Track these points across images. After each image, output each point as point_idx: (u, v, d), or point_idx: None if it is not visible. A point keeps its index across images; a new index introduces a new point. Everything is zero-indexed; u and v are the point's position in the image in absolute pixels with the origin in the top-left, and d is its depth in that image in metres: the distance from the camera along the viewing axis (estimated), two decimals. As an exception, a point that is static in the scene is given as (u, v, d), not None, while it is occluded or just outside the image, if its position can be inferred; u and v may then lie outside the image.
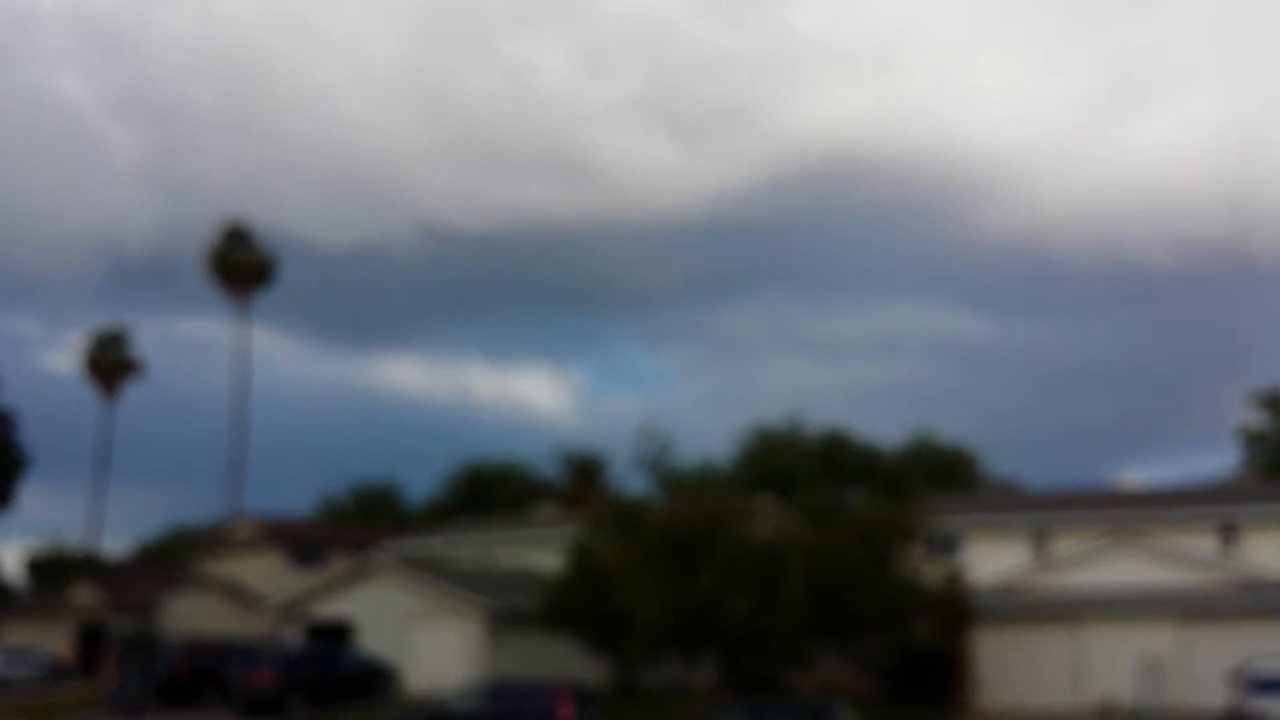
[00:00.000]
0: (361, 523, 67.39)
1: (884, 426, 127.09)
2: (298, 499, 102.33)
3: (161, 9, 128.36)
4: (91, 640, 47.78)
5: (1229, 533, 37.74)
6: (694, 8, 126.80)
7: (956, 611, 30.96)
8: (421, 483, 79.39)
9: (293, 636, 40.48)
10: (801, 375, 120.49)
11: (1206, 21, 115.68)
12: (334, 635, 38.87)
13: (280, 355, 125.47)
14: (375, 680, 35.64)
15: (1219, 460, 79.24)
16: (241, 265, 63.77)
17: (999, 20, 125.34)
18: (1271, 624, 31.55)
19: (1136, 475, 48.78)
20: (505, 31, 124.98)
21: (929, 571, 31.00)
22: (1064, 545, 37.53)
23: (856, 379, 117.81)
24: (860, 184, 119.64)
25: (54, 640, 48.49)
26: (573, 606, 33.14)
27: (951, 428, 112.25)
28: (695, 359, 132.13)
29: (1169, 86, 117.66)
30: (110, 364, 67.98)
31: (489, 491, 71.06)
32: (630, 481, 67.06)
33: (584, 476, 67.17)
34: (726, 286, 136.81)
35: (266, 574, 51.16)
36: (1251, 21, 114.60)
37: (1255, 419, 59.45)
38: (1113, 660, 32.64)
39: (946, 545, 39.45)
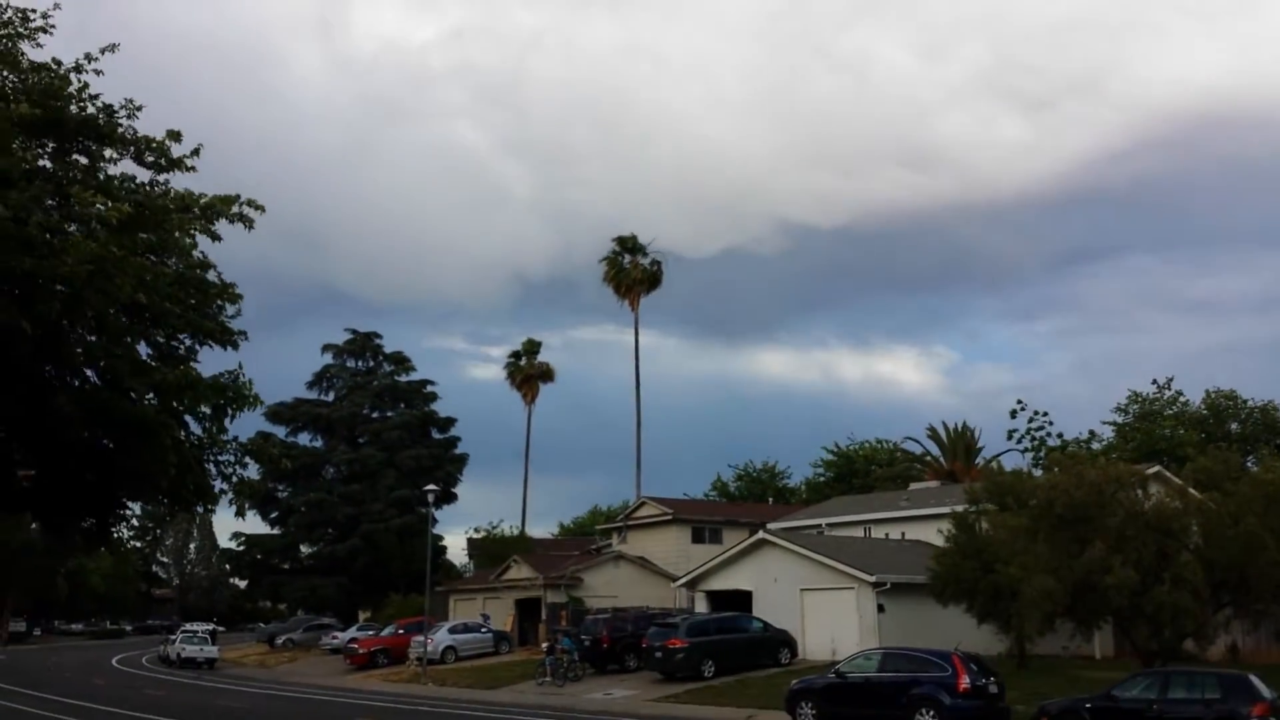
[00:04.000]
0: (749, 502, 69.19)
1: (1275, 385, 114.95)
2: (689, 482, 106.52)
3: (534, 57, 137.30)
4: (528, 611, 52.05)
5: None
6: None
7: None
8: (799, 464, 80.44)
9: (698, 606, 42.37)
10: (1176, 338, 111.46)
11: None
12: (735, 605, 40.30)
13: (664, 354, 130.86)
14: (777, 647, 36.71)
15: None
16: (633, 274, 67.07)
17: None
18: None
19: None
20: (841, 28, 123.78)
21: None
22: None
23: (1239, 338, 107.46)
24: (1221, 136, 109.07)
25: (497, 612, 53.28)
26: (960, 578, 32.71)
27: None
28: (1061, 330, 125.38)
29: None
30: (528, 372, 73.70)
31: (865, 470, 70.87)
32: (1008, 458, 64.98)
33: (958, 451, 65.50)
34: (1088, 255, 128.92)
35: (669, 550, 53.82)
36: None
37: None
38: None
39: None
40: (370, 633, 52.47)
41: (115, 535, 23.47)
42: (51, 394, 15.00)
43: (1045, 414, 65.37)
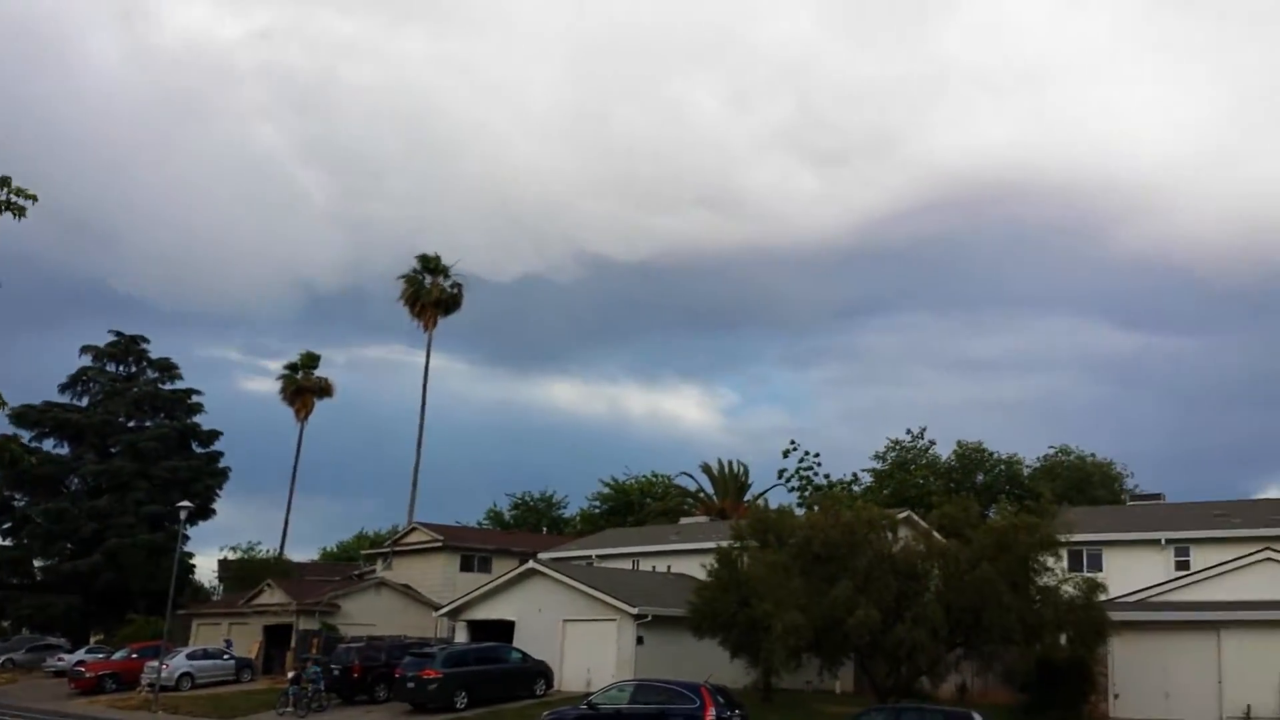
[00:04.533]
0: (523, 532, 68.66)
1: (1025, 443, 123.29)
2: (466, 509, 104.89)
3: (345, 63, 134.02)
4: (278, 639, 49.80)
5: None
6: (837, 37, 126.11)
7: (1094, 623, 29.77)
8: (577, 496, 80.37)
9: (459, 636, 41.50)
10: (942, 393, 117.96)
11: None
12: (497, 635, 39.68)
13: (453, 377, 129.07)
14: (533, 678, 36.26)
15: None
16: (432, 294, 65.62)
17: (1142, 39, 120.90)
18: None
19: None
20: (659, 71, 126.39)
21: (1067, 584, 29.94)
22: (1206, 557, 35.76)
23: (998, 396, 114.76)
24: (1003, 205, 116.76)
25: (243, 639, 50.74)
26: (717, 612, 33.23)
27: (1094, 443, 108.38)
28: (837, 378, 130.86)
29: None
30: (302, 385, 70.80)
31: (640, 503, 71.57)
32: (775, 495, 67.00)
33: (730, 490, 67.02)
34: (870, 308, 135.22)
35: (436, 578, 52.68)
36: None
37: None
38: (1256, 672, 30.93)
39: (1088, 558, 38.16)
40: (101, 655, 48.96)
41: None
42: None
43: (816, 455, 67.94)
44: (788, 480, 68.25)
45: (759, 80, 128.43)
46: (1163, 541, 38.18)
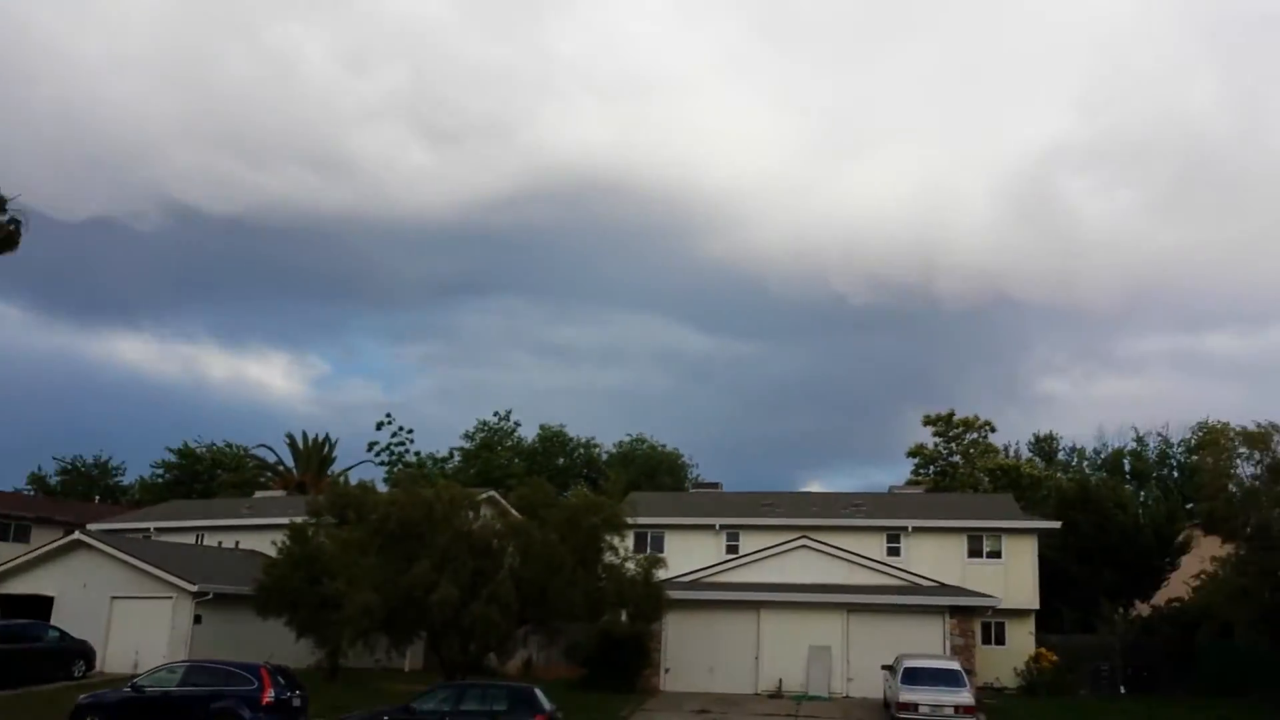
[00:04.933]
0: (73, 501, 62.58)
1: (606, 429, 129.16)
2: (7, 470, 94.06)
3: None
4: None
5: (895, 538, 40.37)
6: (462, 18, 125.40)
7: (652, 600, 31.69)
8: (140, 463, 74.37)
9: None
10: (532, 378, 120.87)
11: (916, 84, 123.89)
12: (34, 612, 35.85)
13: (3, 325, 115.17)
14: (71, 658, 33.08)
15: (893, 475, 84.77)
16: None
17: (740, 61, 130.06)
18: (926, 621, 33.98)
19: (822, 483, 51.49)
20: (271, 18, 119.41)
21: (630, 563, 31.61)
22: (753, 542, 39.15)
23: (583, 383, 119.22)
24: (601, 203, 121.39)
25: None
26: (286, 590, 32.08)
27: (666, 434, 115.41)
28: (434, 355, 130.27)
29: (878, 140, 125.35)
30: None
31: (210, 474, 67.48)
32: (364, 470, 65.65)
33: (312, 463, 64.82)
34: (469, 288, 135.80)
35: (-36, 548, 46.71)
36: (951, 88, 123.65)
37: (926, 439, 64.04)
38: (788, 649, 34.33)
39: (652, 539, 40.50)
40: None
41: None
42: None
43: (410, 431, 67.36)
44: (378, 455, 67.18)
45: (376, 45, 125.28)
46: (717, 527, 41.38)
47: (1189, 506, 49.44)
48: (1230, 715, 31.38)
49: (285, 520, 37.07)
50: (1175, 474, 59.01)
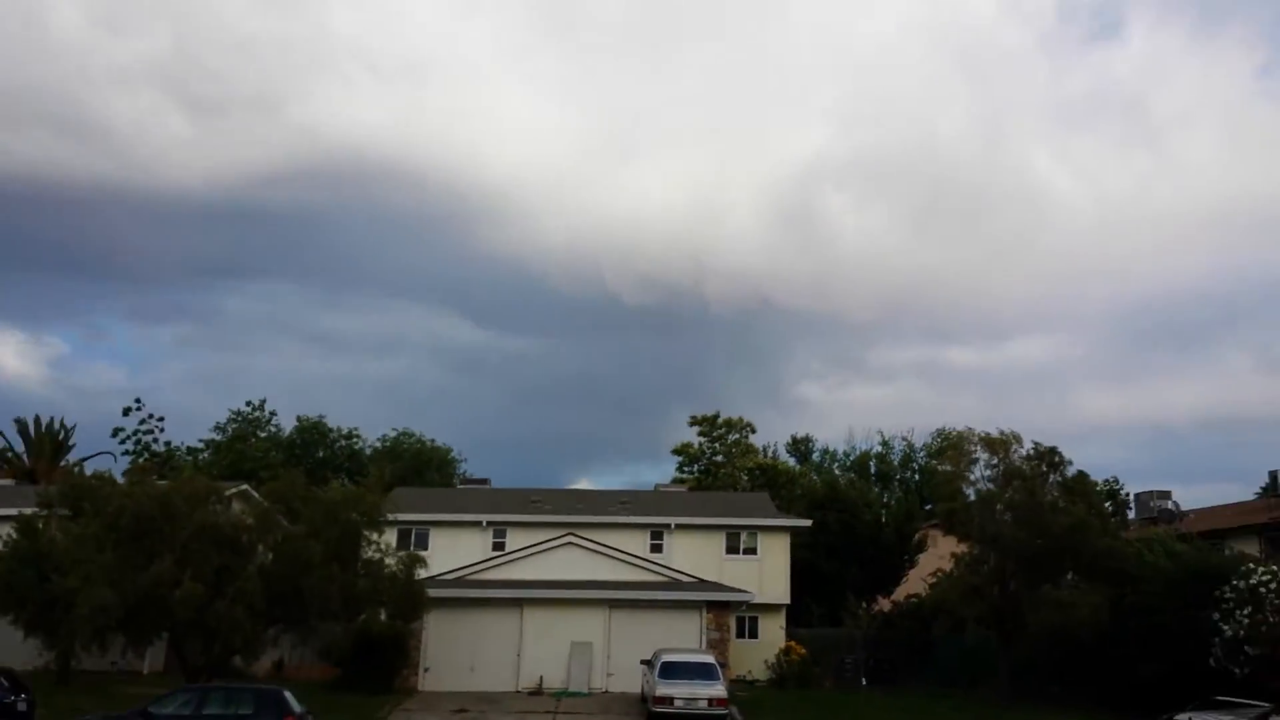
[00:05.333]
0: None
1: (374, 422, 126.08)
2: None
3: None
4: None
5: (659, 535, 40.99)
6: None
7: (412, 598, 30.93)
8: None
9: None
10: (298, 366, 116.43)
11: (692, 91, 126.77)
12: None
13: None
14: None
15: (660, 473, 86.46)
16: None
17: (523, 54, 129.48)
18: (685, 616, 34.65)
19: (591, 481, 51.78)
20: None
21: (390, 560, 30.74)
22: (519, 539, 38.88)
23: (352, 374, 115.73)
24: (377, 188, 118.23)
25: None
26: (12, 587, 29.46)
27: (437, 428, 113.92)
28: (190, 339, 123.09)
29: (655, 142, 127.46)
30: None
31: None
32: (104, 460, 61.28)
33: (45, 450, 60.03)
34: (231, 270, 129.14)
35: None
36: (724, 98, 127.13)
37: (693, 439, 65.55)
38: (550, 646, 34.29)
39: (415, 536, 39.59)
40: None
41: None
42: None
43: (161, 419, 63.43)
44: (124, 443, 62.92)
45: (134, 4, 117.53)
46: (484, 524, 40.87)
47: (927, 508, 52.54)
48: (960, 704, 33.47)
49: (14, 511, 34.10)
50: (916, 477, 62.58)
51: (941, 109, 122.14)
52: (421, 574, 31.61)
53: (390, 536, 34.70)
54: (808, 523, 43.02)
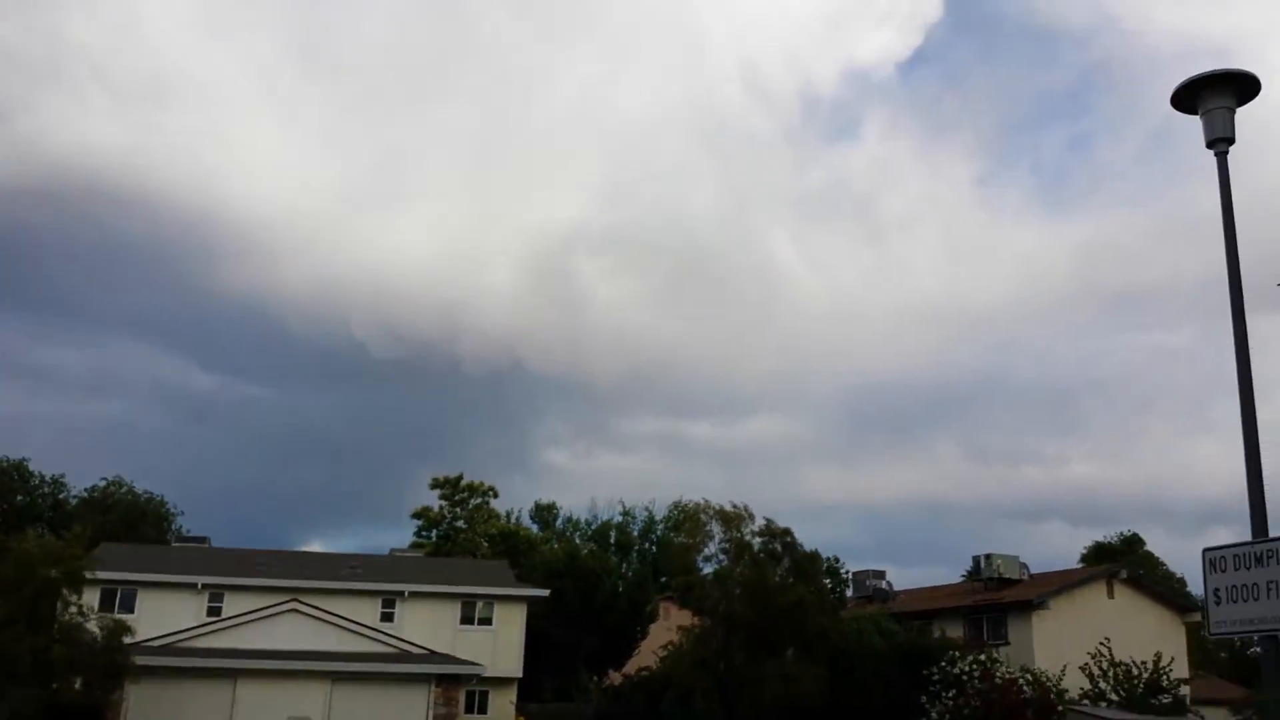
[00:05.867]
0: None
1: (86, 467, 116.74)
2: None
3: None
4: None
5: (391, 603, 39.46)
6: None
7: (114, 667, 28.37)
8: None
9: None
10: (3, 400, 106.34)
11: (462, 143, 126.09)
12: None
13: None
14: None
15: (398, 537, 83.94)
16: None
17: (279, 87, 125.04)
18: (412, 689, 33.35)
19: (324, 543, 49.51)
20: None
21: (92, 623, 28.15)
22: (239, 604, 36.45)
23: (64, 413, 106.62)
24: (107, 212, 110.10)
25: None
26: None
27: (154, 478, 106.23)
28: None
29: (409, 193, 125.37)
30: None
31: None
32: None
33: None
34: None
35: None
36: (483, 157, 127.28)
37: (434, 502, 63.97)
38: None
39: (121, 597, 36.46)
40: None
41: None
42: None
43: None
44: None
45: None
46: (199, 586, 38.00)
47: (662, 580, 53.25)
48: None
49: None
50: (654, 549, 63.47)
51: (692, 188, 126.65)
52: (126, 639, 29.07)
53: (93, 597, 31.85)
54: (545, 593, 42.55)
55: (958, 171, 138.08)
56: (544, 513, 70.93)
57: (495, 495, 64.71)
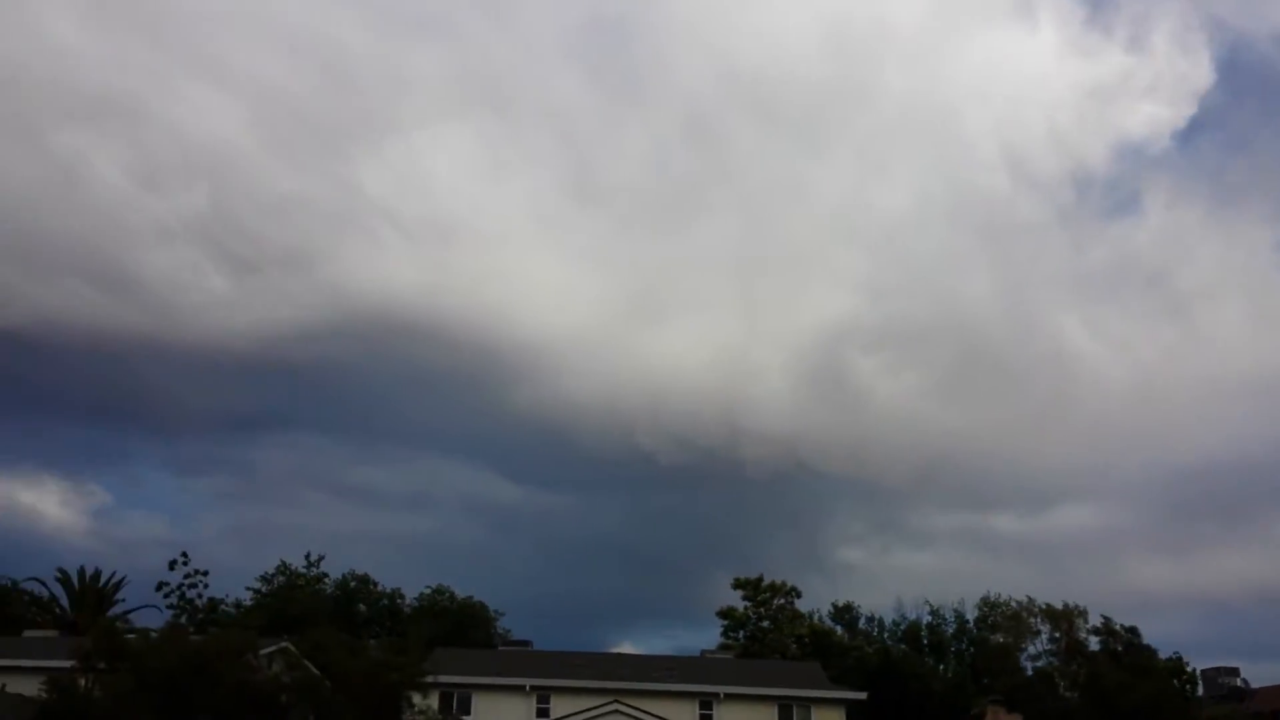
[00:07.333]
0: None
1: (408, 577, 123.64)
2: None
3: None
4: None
5: (708, 705, 38.65)
6: (264, 146, 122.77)
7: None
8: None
9: None
10: (333, 519, 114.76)
11: (722, 254, 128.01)
12: None
13: None
14: None
15: (704, 637, 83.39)
16: None
17: (551, 217, 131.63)
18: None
19: (633, 644, 49.56)
20: (56, 122, 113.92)
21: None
22: (564, 706, 36.74)
23: (386, 528, 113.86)
24: (407, 344, 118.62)
25: None
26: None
27: (472, 585, 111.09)
28: (225, 491, 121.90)
29: (683, 305, 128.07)
30: None
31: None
32: (148, 614, 59.70)
33: (88, 602, 58.68)
34: (265, 423, 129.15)
35: None
36: (748, 264, 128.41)
37: (736, 603, 63.02)
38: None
39: (458, 700, 37.62)
40: None
41: None
42: None
43: (205, 572, 62.06)
44: (168, 596, 61.38)
45: (172, 164, 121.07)
46: (527, 688, 38.73)
47: (984, 681, 49.64)
48: None
49: (57, 665, 32.75)
50: (972, 649, 59.60)
51: (964, 278, 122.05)
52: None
53: (432, 699, 32.86)
54: (863, 695, 40.48)
55: (1255, 235, 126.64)
56: (843, 613, 68.39)
57: (799, 595, 63.06)
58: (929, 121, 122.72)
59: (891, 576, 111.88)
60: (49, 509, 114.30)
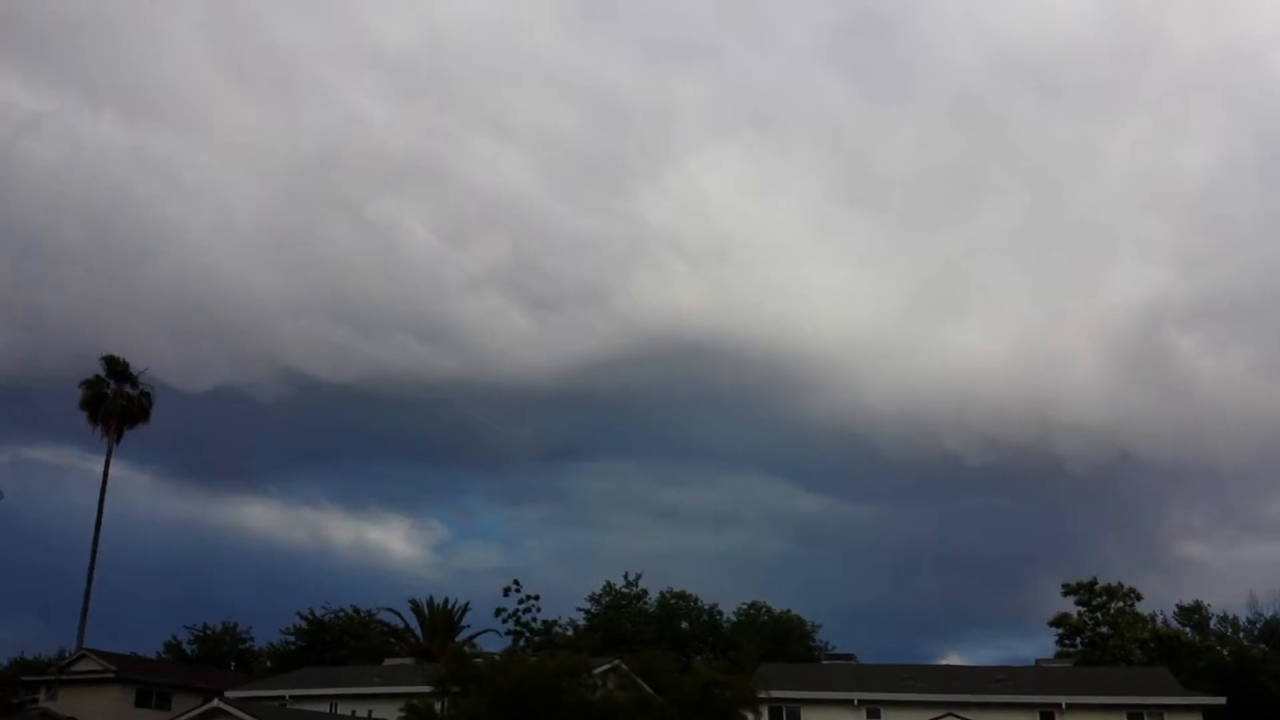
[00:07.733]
0: (209, 667, 62.13)
1: (722, 593, 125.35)
2: (143, 639, 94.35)
3: (26, 138, 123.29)
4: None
5: (1049, 715, 36.69)
6: (553, 192, 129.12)
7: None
8: (269, 629, 73.16)
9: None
10: (646, 540, 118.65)
11: (1012, 238, 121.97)
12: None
13: (135, 490, 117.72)
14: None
15: (1035, 645, 79.13)
16: (116, 403, 59.62)
17: (825, 223, 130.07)
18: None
19: (960, 655, 47.88)
20: (370, 195, 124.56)
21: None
22: (894, 719, 36.04)
23: (696, 545, 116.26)
24: (700, 366, 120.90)
25: None
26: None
27: (785, 598, 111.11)
28: (546, 518, 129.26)
29: (974, 297, 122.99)
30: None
31: (338, 641, 66.46)
32: (489, 638, 63.74)
33: (438, 629, 63.38)
34: (575, 451, 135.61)
35: (110, 712, 46.36)
36: (1039, 246, 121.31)
37: (1068, 609, 59.53)
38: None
39: (787, 714, 37.70)
40: None
41: None
42: None
43: (536, 597, 65.70)
44: (505, 621, 65.40)
45: (473, 219, 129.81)
46: (855, 702, 38.19)
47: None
48: None
49: (415, 689, 35.58)
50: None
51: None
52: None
53: (762, 715, 33.06)
54: (1221, 700, 37.15)
55: None
56: (1191, 614, 62.92)
57: (1138, 597, 58.77)
58: (1226, 73, 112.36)
59: (1242, 571, 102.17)
60: (394, 544, 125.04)
